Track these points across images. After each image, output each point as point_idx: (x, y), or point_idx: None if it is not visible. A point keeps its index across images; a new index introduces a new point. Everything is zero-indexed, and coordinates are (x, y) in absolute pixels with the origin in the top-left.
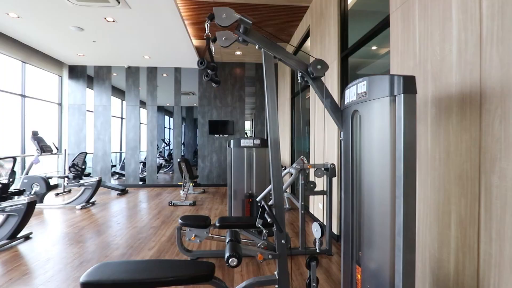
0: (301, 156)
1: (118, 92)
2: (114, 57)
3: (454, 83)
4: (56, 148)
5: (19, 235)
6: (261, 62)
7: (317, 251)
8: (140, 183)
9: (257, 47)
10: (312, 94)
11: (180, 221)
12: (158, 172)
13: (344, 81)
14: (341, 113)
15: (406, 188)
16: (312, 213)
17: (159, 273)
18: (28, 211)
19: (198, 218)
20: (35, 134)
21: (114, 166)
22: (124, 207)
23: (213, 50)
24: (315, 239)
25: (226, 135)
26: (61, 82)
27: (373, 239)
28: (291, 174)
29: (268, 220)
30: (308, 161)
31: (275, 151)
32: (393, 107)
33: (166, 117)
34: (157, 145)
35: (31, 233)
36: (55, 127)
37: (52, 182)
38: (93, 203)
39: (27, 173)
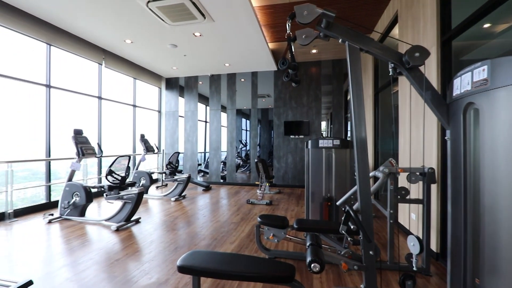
0: (390, 159)
1: (203, 98)
2: (200, 67)
3: None
4: (157, 148)
5: (132, 219)
6: (338, 58)
7: (414, 269)
8: (221, 181)
9: (340, 40)
10: (404, 88)
11: (259, 219)
12: (236, 171)
13: (446, 70)
14: (446, 107)
15: None
16: (402, 224)
17: (243, 268)
18: (138, 199)
19: (276, 218)
20: (142, 137)
21: (200, 164)
22: (208, 202)
23: (293, 50)
24: (411, 254)
25: (302, 136)
26: (160, 92)
27: (499, 265)
28: (375, 178)
29: (352, 227)
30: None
31: (362, 152)
32: None
33: (243, 120)
34: (236, 146)
35: (140, 218)
36: (156, 131)
37: (154, 177)
38: (184, 197)
39: (137, 169)
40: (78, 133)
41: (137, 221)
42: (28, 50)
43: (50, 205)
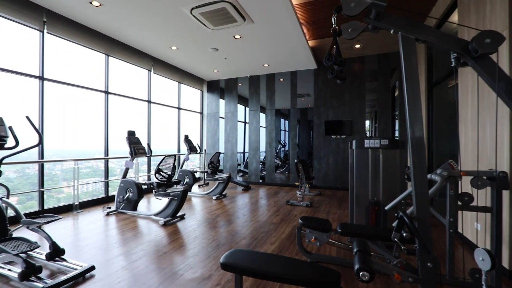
0: (450, 160)
1: (242, 99)
2: (239, 69)
3: None
4: (199, 148)
5: (177, 215)
6: (385, 52)
7: (483, 287)
8: (260, 181)
9: (392, 31)
10: (465, 81)
11: (300, 221)
12: (275, 171)
13: None
14: None
15: None
16: (464, 234)
17: (286, 270)
18: (183, 197)
19: (318, 221)
20: (186, 138)
21: (239, 164)
22: (247, 201)
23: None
24: (476, 270)
25: (344, 136)
26: (202, 95)
27: None
28: (430, 182)
29: (404, 234)
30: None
31: (418, 153)
32: None
33: (282, 120)
34: (275, 147)
35: (184, 214)
36: (198, 132)
37: (196, 175)
38: (224, 196)
39: (181, 168)
40: (131, 134)
41: (182, 217)
42: (90, 60)
43: (108, 199)
